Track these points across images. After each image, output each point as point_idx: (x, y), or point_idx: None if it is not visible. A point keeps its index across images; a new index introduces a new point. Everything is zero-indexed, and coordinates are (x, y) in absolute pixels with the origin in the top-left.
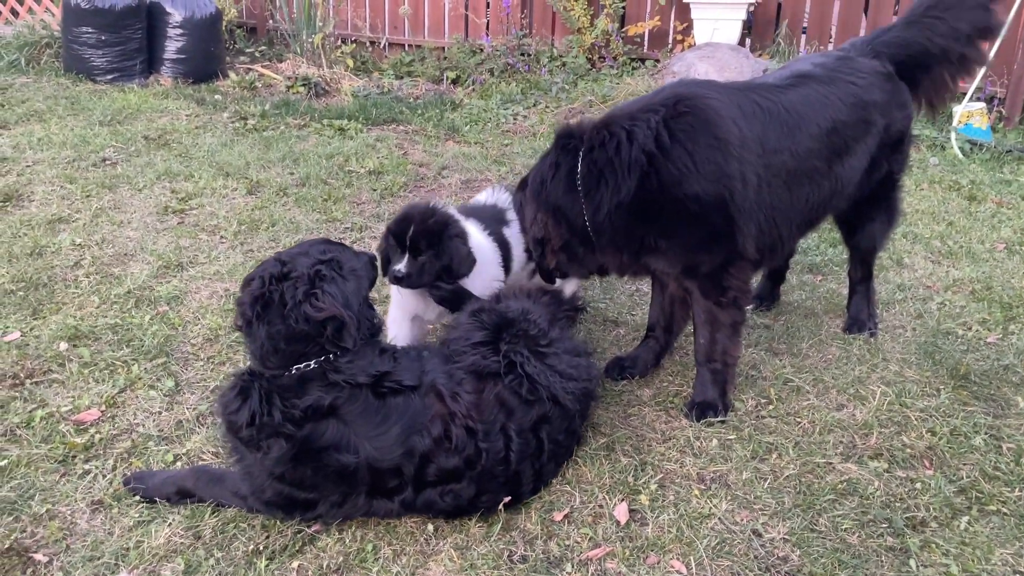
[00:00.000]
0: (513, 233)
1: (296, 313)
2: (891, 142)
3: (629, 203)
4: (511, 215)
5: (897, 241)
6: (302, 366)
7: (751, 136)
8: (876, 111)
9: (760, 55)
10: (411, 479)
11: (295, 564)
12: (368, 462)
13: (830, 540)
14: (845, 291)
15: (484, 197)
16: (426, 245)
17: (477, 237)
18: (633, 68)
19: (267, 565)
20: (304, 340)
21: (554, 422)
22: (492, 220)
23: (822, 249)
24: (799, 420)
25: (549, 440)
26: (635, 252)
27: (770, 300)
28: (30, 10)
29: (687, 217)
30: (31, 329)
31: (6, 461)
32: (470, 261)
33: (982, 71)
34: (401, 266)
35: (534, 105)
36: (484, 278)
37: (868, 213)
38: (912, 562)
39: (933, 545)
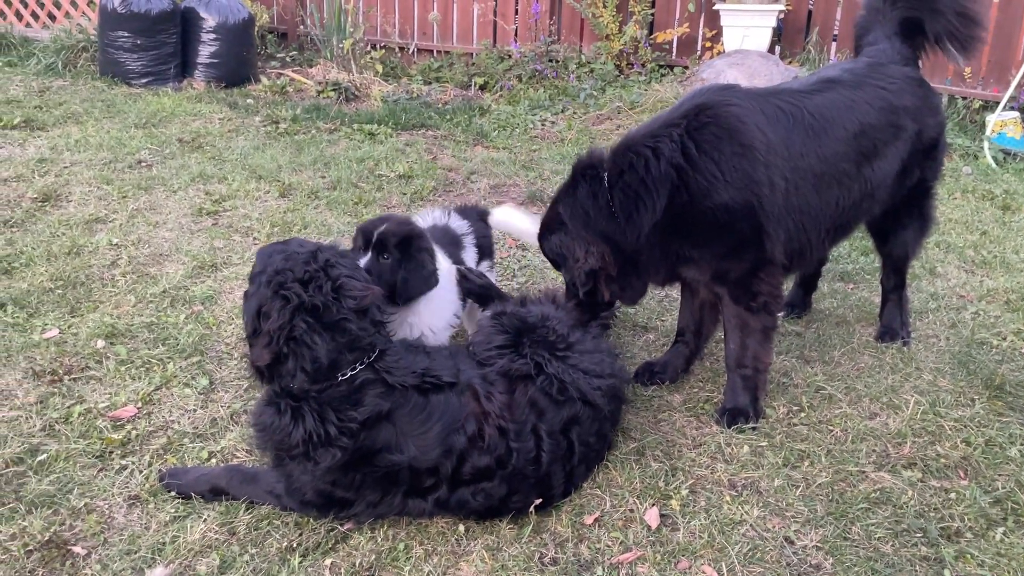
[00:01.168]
0: (469, 257)
1: (342, 312)
2: (923, 148)
3: (664, 218)
4: (467, 238)
5: (930, 250)
6: (350, 372)
7: (776, 141)
8: (907, 116)
9: (790, 62)
10: (446, 478)
11: (328, 561)
12: (409, 462)
13: (863, 549)
14: (877, 299)
15: (431, 219)
16: (393, 246)
17: (442, 262)
18: (661, 75)
19: (300, 562)
20: (356, 339)
21: (584, 424)
22: (449, 244)
23: (854, 257)
24: (831, 428)
25: (579, 442)
26: (672, 265)
27: (801, 308)
28: (67, 14)
29: (717, 226)
30: (69, 327)
31: (45, 455)
32: (431, 281)
33: (1016, 80)
34: (361, 261)
35: (562, 111)
36: (442, 304)
37: (900, 220)
38: (947, 572)
39: (968, 556)
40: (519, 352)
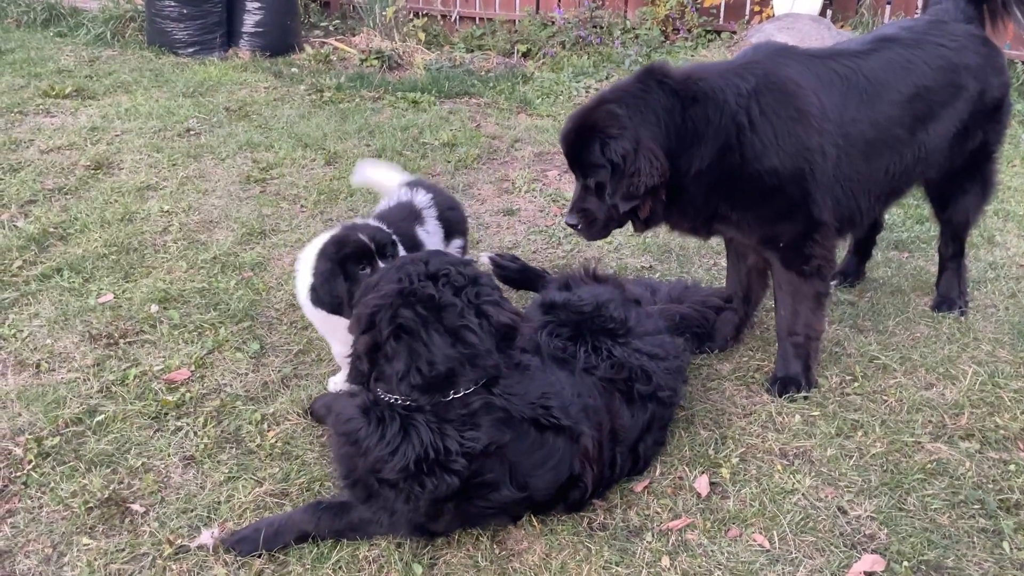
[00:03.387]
0: (428, 230)
1: (468, 320)
2: (987, 110)
3: (712, 169)
4: (427, 213)
5: (988, 218)
6: (464, 392)
7: (830, 106)
8: (968, 75)
9: (842, 26)
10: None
11: None
12: (522, 498)
13: (919, 520)
14: (933, 268)
15: (395, 197)
16: (390, 248)
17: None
18: (708, 40)
19: None
20: (477, 356)
21: (654, 430)
22: (404, 220)
23: (908, 225)
24: (886, 398)
25: (643, 455)
26: (708, 218)
27: (855, 276)
28: None
29: (766, 189)
30: (123, 292)
31: (103, 416)
32: None
33: None
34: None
35: (607, 78)
36: None
37: (961, 185)
38: (1005, 544)
39: None
40: (579, 345)
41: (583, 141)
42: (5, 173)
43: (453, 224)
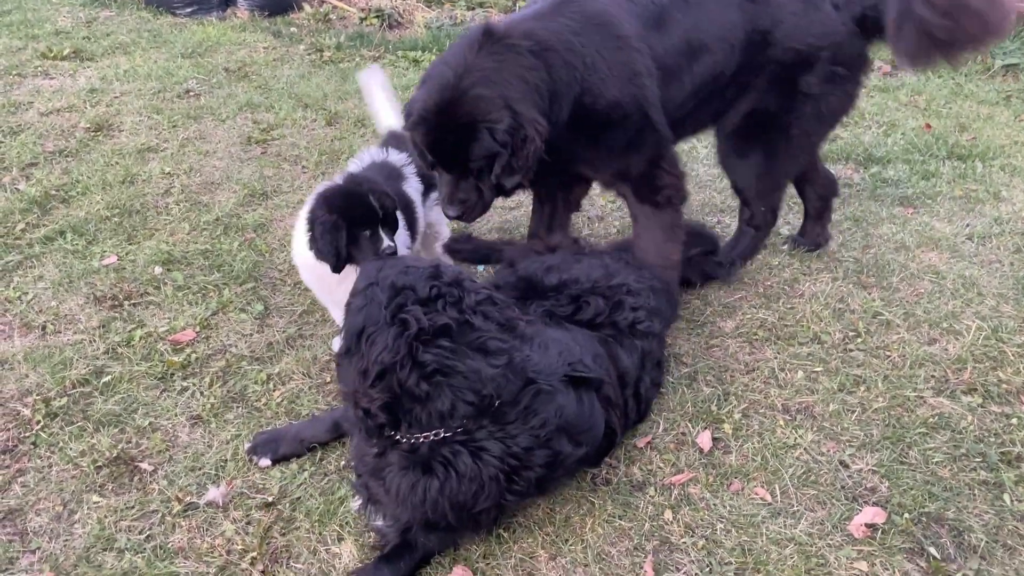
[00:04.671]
0: (412, 189)
1: (488, 331)
2: (772, 65)
3: (571, 116)
4: (408, 171)
5: (994, 173)
6: (446, 432)
7: (639, 30)
8: (743, 15)
9: None
10: None
11: None
12: (577, 458)
13: (920, 473)
14: (939, 224)
15: (368, 157)
16: (395, 217)
17: None
18: None
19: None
20: (512, 360)
21: (648, 368)
22: (389, 178)
23: (914, 181)
24: (888, 353)
25: (646, 391)
26: (569, 162)
27: (812, 242)
28: None
29: (613, 122)
30: (127, 254)
31: (110, 377)
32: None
33: None
34: (390, 243)
35: None
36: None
37: (737, 148)
38: (1006, 496)
39: None
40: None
41: (467, 138)
42: (5, 136)
43: (429, 179)
